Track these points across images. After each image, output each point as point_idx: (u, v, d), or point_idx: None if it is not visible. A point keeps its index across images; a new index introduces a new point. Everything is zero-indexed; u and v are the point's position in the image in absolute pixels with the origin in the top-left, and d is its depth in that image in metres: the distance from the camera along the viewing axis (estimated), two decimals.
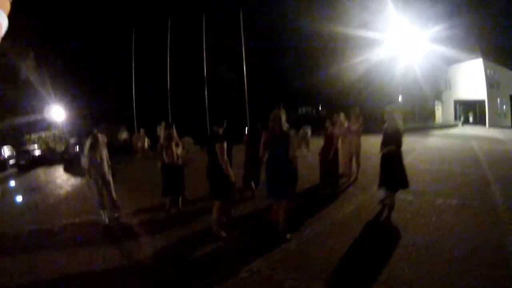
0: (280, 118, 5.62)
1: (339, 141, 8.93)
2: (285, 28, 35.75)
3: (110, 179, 7.47)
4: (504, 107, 38.08)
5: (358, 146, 9.78)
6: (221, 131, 5.86)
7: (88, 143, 7.17)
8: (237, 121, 25.56)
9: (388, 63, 29.29)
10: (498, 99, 36.60)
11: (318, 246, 5.45)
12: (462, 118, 37.93)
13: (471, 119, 37.68)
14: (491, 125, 34.21)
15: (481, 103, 35.23)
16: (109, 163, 7.51)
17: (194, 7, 33.31)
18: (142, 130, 20.36)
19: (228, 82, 30.95)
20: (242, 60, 26.29)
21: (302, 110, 52.08)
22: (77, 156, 17.63)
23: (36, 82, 26.36)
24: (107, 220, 7.24)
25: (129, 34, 30.33)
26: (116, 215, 7.48)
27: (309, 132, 8.36)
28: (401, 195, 7.28)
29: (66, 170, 17.59)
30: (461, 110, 39.13)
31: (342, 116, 9.03)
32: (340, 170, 9.27)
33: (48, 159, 23.23)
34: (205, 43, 27.97)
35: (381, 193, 7.26)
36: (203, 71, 27.94)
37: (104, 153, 7.39)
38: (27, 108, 26.96)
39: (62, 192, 11.55)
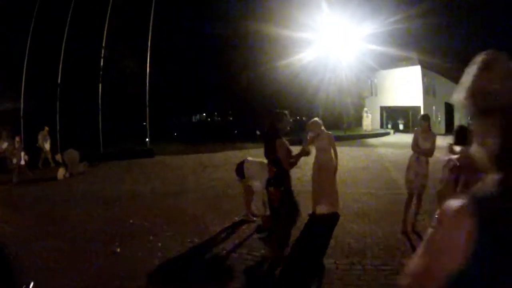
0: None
1: None
2: (203, 22, 32.93)
3: None
4: (439, 115, 39.28)
5: None
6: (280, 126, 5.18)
7: None
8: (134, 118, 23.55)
9: (314, 66, 28.21)
10: (434, 107, 37.66)
11: None
12: (389, 126, 38.26)
13: (401, 127, 38.03)
14: None
15: (415, 110, 36.03)
16: None
17: None
18: (17, 138, 13.63)
19: (128, 74, 27.21)
20: (147, 50, 23.65)
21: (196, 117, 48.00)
22: None
23: None
24: None
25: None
26: None
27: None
28: None
29: None
30: (387, 117, 39.70)
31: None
32: None
33: None
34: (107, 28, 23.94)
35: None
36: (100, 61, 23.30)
37: None
38: None
39: None
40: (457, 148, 5.09)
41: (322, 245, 5.71)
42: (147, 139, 20.25)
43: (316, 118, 7.35)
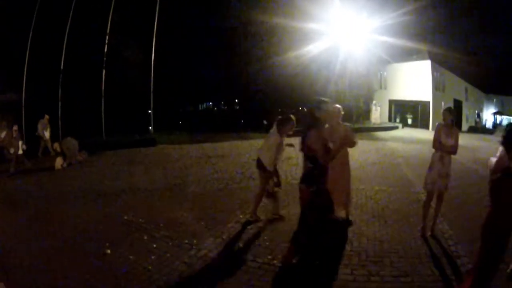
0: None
1: None
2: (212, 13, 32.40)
3: None
4: None
5: None
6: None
7: None
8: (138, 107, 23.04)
9: (324, 58, 27.77)
10: (443, 102, 37.08)
11: None
12: (398, 120, 37.56)
13: (409, 121, 37.42)
14: (434, 128, 34.57)
15: (424, 105, 35.45)
16: None
17: None
18: (14, 127, 12.65)
19: (132, 63, 26.47)
20: (152, 38, 23.10)
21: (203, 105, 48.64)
22: None
23: None
24: None
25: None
26: None
27: None
28: None
29: None
30: (396, 111, 39.12)
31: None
32: None
33: None
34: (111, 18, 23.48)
35: None
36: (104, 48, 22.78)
37: None
38: None
39: None
40: None
41: (337, 252, 5.18)
42: (150, 128, 19.77)
43: (337, 105, 6.41)
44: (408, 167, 11.69)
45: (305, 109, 5.63)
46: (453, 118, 5.86)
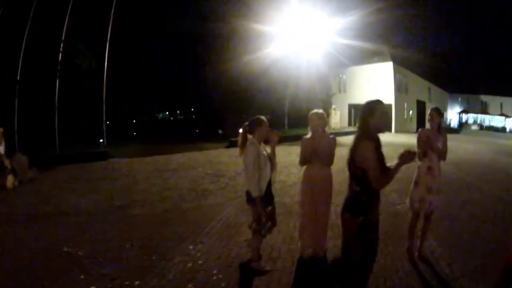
0: None
1: None
2: (165, 19, 31.88)
3: None
4: (411, 112, 39.48)
5: None
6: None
7: None
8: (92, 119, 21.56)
9: (281, 62, 27.78)
10: (405, 104, 37.78)
11: None
12: (357, 124, 38.20)
13: None
14: (397, 131, 35.26)
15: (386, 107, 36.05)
16: None
17: None
18: None
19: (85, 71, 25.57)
20: (106, 47, 22.39)
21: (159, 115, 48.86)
22: None
23: None
24: None
25: None
26: None
27: None
28: None
29: None
30: (356, 114, 39.46)
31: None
32: None
33: None
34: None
35: None
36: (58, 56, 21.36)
37: None
38: None
39: None
40: None
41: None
42: (101, 140, 19.11)
43: (320, 110, 5.44)
44: None
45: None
46: (441, 121, 5.27)
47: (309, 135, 5.33)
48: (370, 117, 3.41)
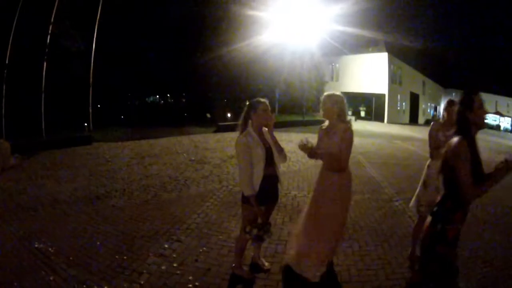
0: None
1: None
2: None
3: None
4: (404, 104, 39.45)
5: None
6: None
7: None
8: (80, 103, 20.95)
9: (274, 48, 27.53)
10: (399, 95, 37.73)
11: None
12: (350, 113, 38.08)
13: (362, 114, 37.85)
14: (389, 121, 35.23)
15: (379, 97, 35.93)
16: None
17: None
18: None
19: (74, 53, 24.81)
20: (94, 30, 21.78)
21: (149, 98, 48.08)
22: None
23: None
24: None
25: None
26: None
27: None
28: None
29: None
30: (348, 103, 39.78)
31: None
32: None
33: None
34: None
35: None
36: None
37: None
38: None
39: None
40: None
41: None
42: (85, 124, 18.74)
43: (338, 92, 4.52)
44: (372, 166, 11.17)
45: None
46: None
47: (325, 124, 4.46)
48: (468, 110, 2.98)
